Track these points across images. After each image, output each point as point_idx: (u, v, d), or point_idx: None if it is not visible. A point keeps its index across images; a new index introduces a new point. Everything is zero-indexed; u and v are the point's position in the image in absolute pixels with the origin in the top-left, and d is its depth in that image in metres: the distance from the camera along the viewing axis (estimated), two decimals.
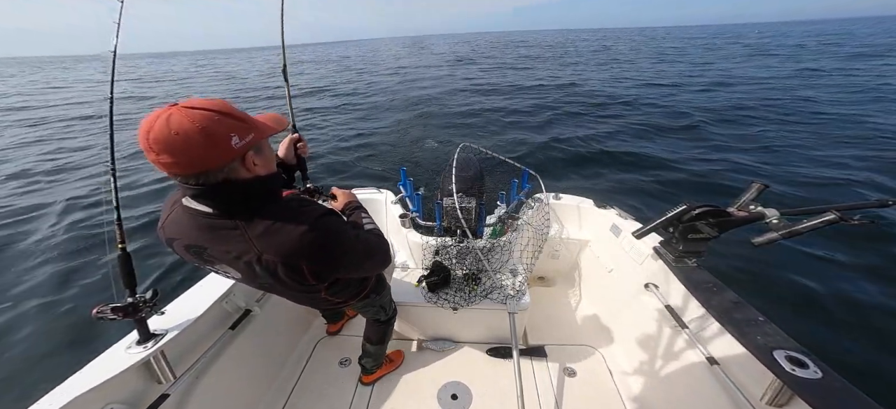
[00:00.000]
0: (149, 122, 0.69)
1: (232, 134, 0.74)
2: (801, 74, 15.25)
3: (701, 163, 6.01)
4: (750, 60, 21.40)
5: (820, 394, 1.04)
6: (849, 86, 12.02)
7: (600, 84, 14.56)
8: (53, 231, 4.44)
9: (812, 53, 23.67)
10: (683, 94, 11.87)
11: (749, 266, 3.31)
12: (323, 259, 0.89)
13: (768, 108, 9.44)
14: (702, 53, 27.22)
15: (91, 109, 13.12)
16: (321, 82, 18.88)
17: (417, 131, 8.58)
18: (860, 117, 8.15)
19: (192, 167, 0.73)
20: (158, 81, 27.13)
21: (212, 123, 0.71)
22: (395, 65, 28.32)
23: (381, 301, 1.60)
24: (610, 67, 20.35)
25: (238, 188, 0.80)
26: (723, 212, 1.52)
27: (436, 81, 17.79)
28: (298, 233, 0.83)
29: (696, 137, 7.48)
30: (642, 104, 10.54)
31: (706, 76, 15.71)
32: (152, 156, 0.70)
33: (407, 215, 2.16)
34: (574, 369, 1.97)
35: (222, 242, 0.84)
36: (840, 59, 19.88)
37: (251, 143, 0.79)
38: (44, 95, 19.42)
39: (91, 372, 1.14)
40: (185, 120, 0.68)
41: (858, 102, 9.74)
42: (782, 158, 6.08)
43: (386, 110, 11.42)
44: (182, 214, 0.86)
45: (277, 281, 0.90)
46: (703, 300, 1.47)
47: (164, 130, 0.67)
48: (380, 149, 7.47)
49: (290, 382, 1.92)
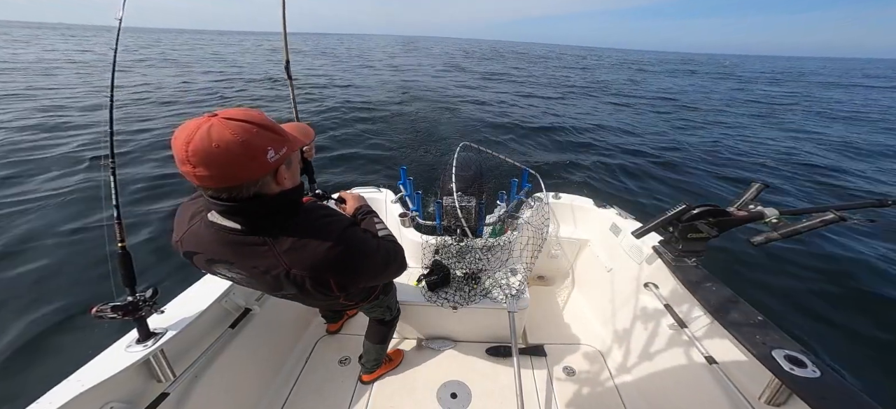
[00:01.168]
0: (188, 132, 0.66)
1: (268, 148, 0.72)
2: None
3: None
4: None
5: (818, 393, 1.04)
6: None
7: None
8: (54, 231, 4.43)
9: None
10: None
11: (749, 266, 3.32)
12: (349, 272, 0.90)
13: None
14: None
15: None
16: (321, 78, 18.82)
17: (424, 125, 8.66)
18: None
19: (228, 180, 0.71)
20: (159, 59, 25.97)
21: (251, 136, 0.69)
22: (391, 62, 28.35)
23: (388, 302, 1.63)
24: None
25: (266, 204, 0.79)
26: (722, 211, 1.52)
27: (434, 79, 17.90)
28: (325, 248, 0.84)
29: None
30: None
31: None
32: (188, 168, 0.67)
33: (407, 214, 2.16)
34: (573, 368, 1.97)
35: (249, 257, 0.84)
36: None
37: (284, 157, 0.78)
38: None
39: (90, 371, 1.14)
40: (227, 132, 0.66)
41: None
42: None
43: (390, 105, 11.48)
44: (205, 229, 0.85)
45: (304, 293, 0.91)
46: (702, 300, 1.47)
47: (205, 142, 0.65)
48: (384, 145, 7.52)
49: (289, 381, 1.92)
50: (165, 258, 3.73)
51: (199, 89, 13.67)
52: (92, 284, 3.38)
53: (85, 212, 4.45)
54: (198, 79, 16.38)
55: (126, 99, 10.72)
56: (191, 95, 12.41)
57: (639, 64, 47.24)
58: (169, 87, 13.56)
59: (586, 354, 2.06)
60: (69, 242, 3.99)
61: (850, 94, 22.74)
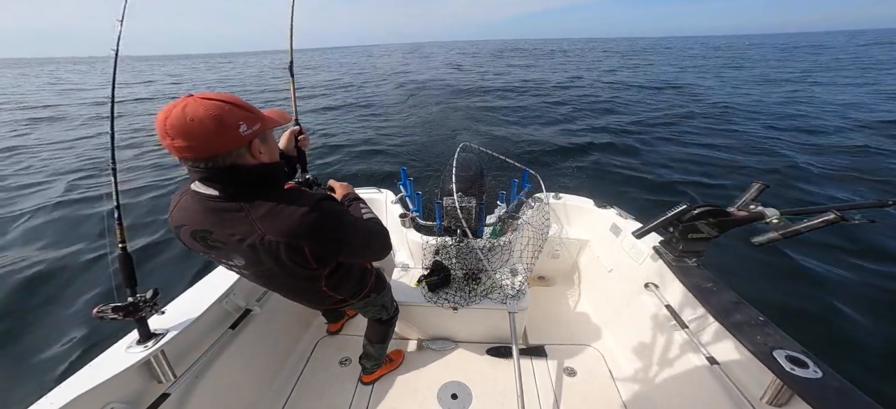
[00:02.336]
0: (166, 110, 0.76)
1: (240, 123, 0.81)
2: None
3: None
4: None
5: (820, 394, 1.04)
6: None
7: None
8: (53, 229, 4.44)
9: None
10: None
11: (749, 266, 3.32)
12: (324, 240, 0.93)
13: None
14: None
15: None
16: (327, 86, 18.86)
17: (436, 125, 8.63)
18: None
19: (204, 152, 0.79)
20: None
21: (222, 111, 0.78)
22: (400, 69, 28.28)
23: (382, 300, 1.60)
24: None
25: (244, 173, 0.86)
26: (723, 212, 1.52)
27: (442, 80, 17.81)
28: (300, 214, 0.88)
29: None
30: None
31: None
32: (168, 141, 0.76)
33: (407, 214, 2.16)
34: (574, 368, 1.97)
35: (227, 224, 0.88)
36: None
37: (257, 132, 0.86)
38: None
39: (91, 372, 1.15)
40: (200, 109, 0.75)
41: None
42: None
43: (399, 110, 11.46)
44: (190, 199, 0.91)
45: (280, 265, 0.93)
46: (702, 300, 1.47)
47: (180, 118, 0.74)
48: (391, 145, 7.54)
49: (290, 381, 1.92)
50: (166, 259, 3.74)
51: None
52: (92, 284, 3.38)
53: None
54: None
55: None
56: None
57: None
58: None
59: (587, 354, 2.06)
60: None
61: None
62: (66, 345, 2.76)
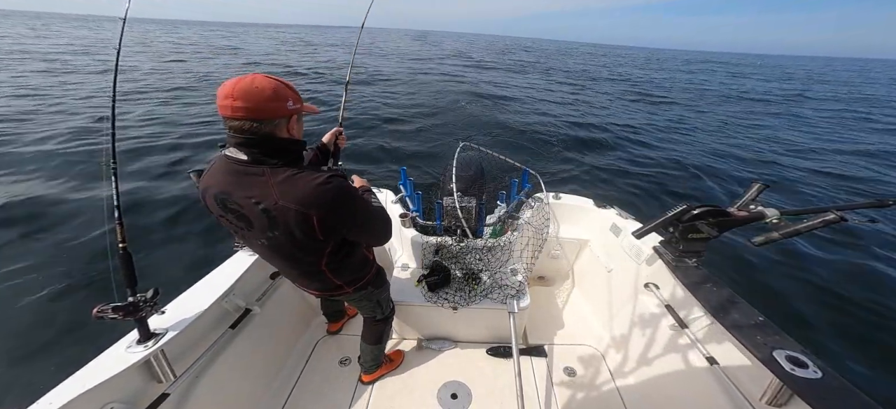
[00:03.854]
0: (236, 79, 0.93)
1: (289, 99, 1.00)
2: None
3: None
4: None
5: (819, 394, 1.04)
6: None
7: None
8: (53, 230, 4.43)
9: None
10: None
11: (750, 266, 3.32)
12: (332, 210, 1.03)
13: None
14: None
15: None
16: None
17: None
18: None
19: (255, 113, 0.93)
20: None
21: (281, 87, 0.98)
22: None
23: (378, 296, 1.60)
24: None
25: (275, 142, 0.99)
26: (723, 212, 1.52)
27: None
28: (315, 184, 0.99)
29: None
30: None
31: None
32: (229, 101, 0.91)
33: (407, 214, 2.16)
34: (574, 368, 1.97)
35: (246, 187, 0.99)
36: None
37: (298, 110, 1.04)
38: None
39: (91, 371, 1.14)
40: (265, 81, 0.95)
41: None
42: None
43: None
44: (219, 164, 1.03)
45: (288, 234, 1.03)
46: (702, 300, 1.47)
47: (250, 84, 0.92)
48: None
49: (290, 381, 1.92)
50: (166, 259, 3.74)
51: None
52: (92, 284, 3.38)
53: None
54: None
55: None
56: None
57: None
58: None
59: (587, 354, 2.06)
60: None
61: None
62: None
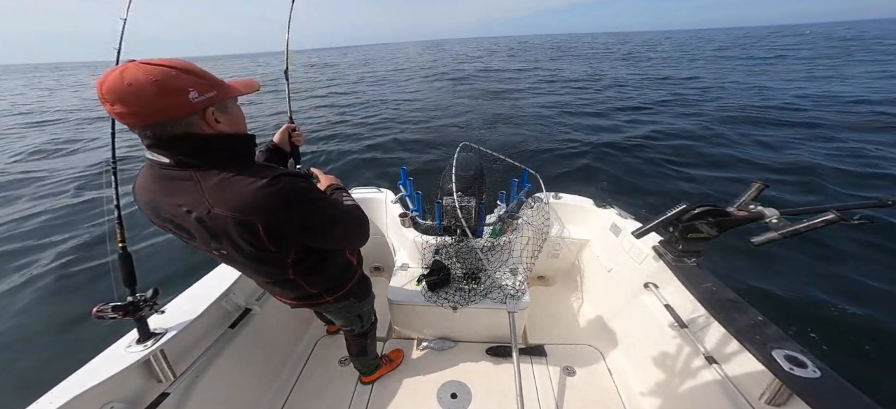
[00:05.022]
0: (105, 74, 0.72)
1: (190, 89, 0.76)
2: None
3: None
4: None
5: (818, 394, 1.04)
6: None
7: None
8: (53, 231, 4.44)
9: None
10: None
11: (750, 266, 3.32)
12: (279, 216, 0.83)
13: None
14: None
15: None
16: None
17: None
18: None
19: (148, 118, 0.75)
20: None
21: (166, 76, 0.73)
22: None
23: (360, 309, 1.48)
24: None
25: (197, 140, 0.80)
26: (722, 211, 1.52)
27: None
28: (254, 187, 0.80)
29: None
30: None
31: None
32: (108, 106, 0.72)
33: (407, 214, 2.16)
34: (574, 368, 1.97)
35: (174, 194, 0.82)
36: None
37: (212, 100, 0.80)
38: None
39: (91, 371, 1.15)
40: (139, 73, 0.71)
41: None
42: None
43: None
44: (146, 169, 0.87)
45: (231, 244, 0.85)
46: (702, 300, 1.47)
47: (118, 81, 0.70)
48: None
49: (289, 381, 1.92)
50: (166, 259, 3.74)
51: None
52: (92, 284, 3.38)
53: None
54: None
55: None
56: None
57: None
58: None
59: (587, 354, 2.06)
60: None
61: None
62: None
